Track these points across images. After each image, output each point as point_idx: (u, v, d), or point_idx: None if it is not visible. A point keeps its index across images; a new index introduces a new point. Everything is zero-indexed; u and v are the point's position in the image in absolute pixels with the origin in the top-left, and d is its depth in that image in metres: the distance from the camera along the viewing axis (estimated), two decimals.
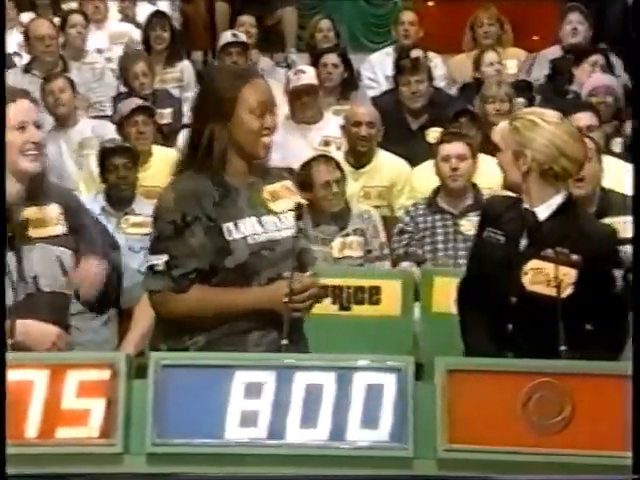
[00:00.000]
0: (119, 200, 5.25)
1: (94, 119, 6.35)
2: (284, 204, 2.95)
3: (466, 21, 7.16)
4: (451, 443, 2.51)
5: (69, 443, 2.54)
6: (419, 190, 5.35)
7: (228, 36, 6.85)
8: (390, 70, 6.95)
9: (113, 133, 5.83)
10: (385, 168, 5.59)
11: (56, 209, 2.98)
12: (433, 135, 5.70)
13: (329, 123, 6.08)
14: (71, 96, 6.07)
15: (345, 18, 8.14)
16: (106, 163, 5.30)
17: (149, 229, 2.99)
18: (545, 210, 3.11)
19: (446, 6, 7.91)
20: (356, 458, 2.53)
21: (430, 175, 5.15)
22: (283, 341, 2.77)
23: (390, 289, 4.57)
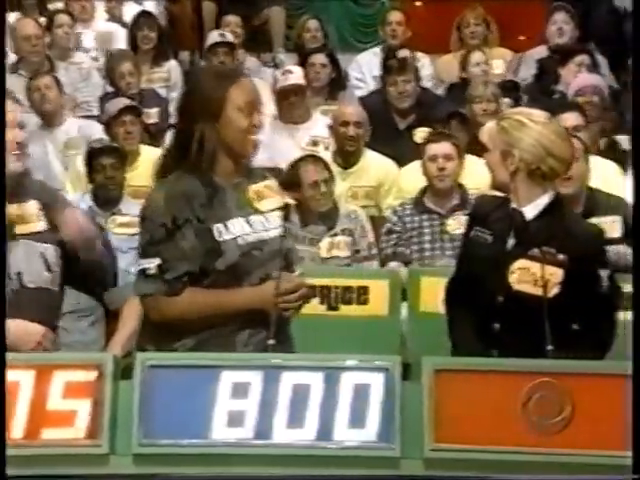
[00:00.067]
0: (106, 200, 5.24)
1: (81, 119, 6.33)
2: (269, 203, 2.95)
3: (453, 21, 7.17)
4: (438, 443, 2.51)
5: (55, 444, 2.53)
6: (406, 190, 5.35)
7: (215, 36, 6.85)
8: (378, 70, 6.96)
9: (100, 133, 5.82)
10: (372, 168, 5.60)
11: (35, 205, 2.97)
12: (420, 135, 5.71)
13: (317, 123, 6.08)
14: (57, 94, 6.05)
15: (333, 18, 8.15)
16: (93, 163, 5.28)
17: (137, 229, 2.99)
18: (532, 210, 3.12)
19: (434, 6, 7.92)
20: (343, 458, 2.53)
21: (417, 175, 5.15)
22: (270, 341, 2.77)
23: (378, 289, 4.58)
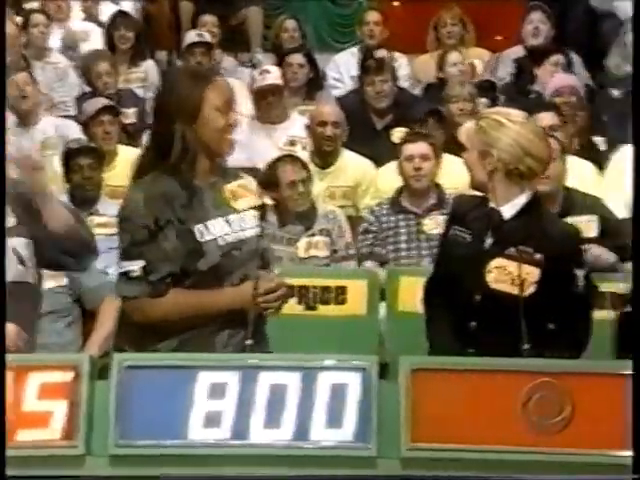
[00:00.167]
0: (83, 201, 5.21)
1: (58, 118, 6.29)
2: (244, 203, 2.95)
3: (430, 21, 7.18)
4: (415, 442, 2.52)
5: (30, 445, 2.52)
6: (384, 190, 5.35)
7: (192, 36, 6.83)
8: (355, 70, 6.96)
9: (77, 133, 5.79)
10: (350, 168, 5.60)
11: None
12: (398, 135, 5.71)
13: (294, 123, 6.08)
14: (34, 91, 6.01)
15: (311, 18, 8.14)
16: (70, 163, 5.26)
17: (114, 230, 2.98)
18: (510, 209, 3.13)
19: (411, 6, 7.92)
20: (320, 458, 2.53)
21: (395, 175, 5.15)
22: (248, 341, 2.78)
23: (356, 289, 4.58)
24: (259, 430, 2.53)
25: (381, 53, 6.80)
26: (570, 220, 3.78)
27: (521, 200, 3.13)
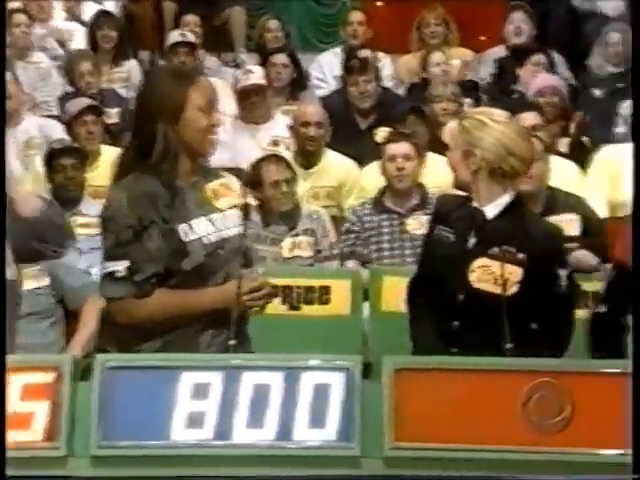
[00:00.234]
0: (66, 201, 5.19)
1: (41, 118, 6.26)
2: (226, 202, 2.95)
3: (414, 21, 7.19)
4: (398, 441, 2.52)
5: (12, 447, 2.50)
6: (368, 190, 5.35)
7: (176, 36, 6.81)
8: (339, 70, 6.96)
9: (60, 133, 5.77)
10: (333, 168, 5.60)
11: None
12: (381, 135, 5.71)
13: (278, 123, 6.07)
14: (17, 91, 5.98)
15: (294, 18, 8.13)
16: (53, 163, 5.24)
17: (97, 230, 2.96)
18: (493, 209, 3.13)
19: (394, 6, 7.92)
20: (303, 458, 2.53)
21: (379, 175, 5.16)
22: (231, 341, 2.77)
23: (340, 289, 4.58)
24: (242, 430, 2.53)
25: (365, 53, 6.80)
26: (552, 219, 3.79)
27: (504, 200, 3.14)
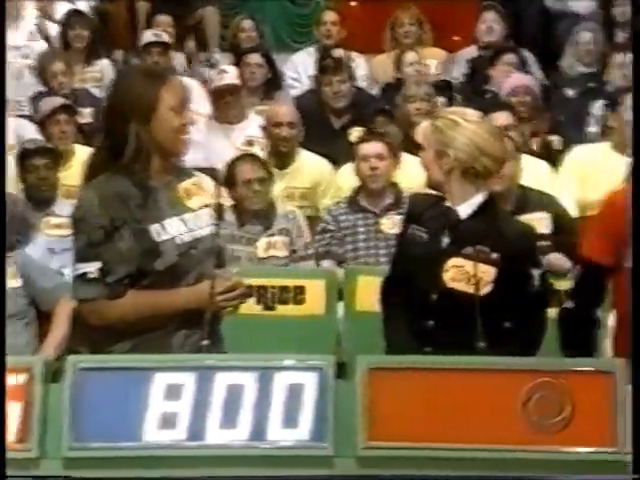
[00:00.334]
0: (39, 201, 5.17)
1: (13, 118, 6.22)
2: (199, 201, 2.94)
3: (388, 21, 7.20)
4: (370, 441, 2.52)
5: None
6: (344, 190, 5.36)
7: (149, 36, 6.79)
8: (313, 70, 6.96)
9: (33, 133, 5.74)
10: (307, 169, 5.60)
11: None
12: (355, 135, 5.72)
13: (252, 123, 6.06)
14: None
15: (269, 18, 8.12)
16: (26, 164, 5.21)
17: (70, 230, 2.94)
18: (466, 209, 3.14)
19: (368, 6, 7.93)
20: (277, 458, 2.52)
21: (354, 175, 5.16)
22: (204, 342, 2.76)
23: (314, 288, 4.58)
24: (215, 431, 2.52)
25: (338, 53, 6.81)
26: (523, 218, 3.81)
27: (477, 199, 3.14)
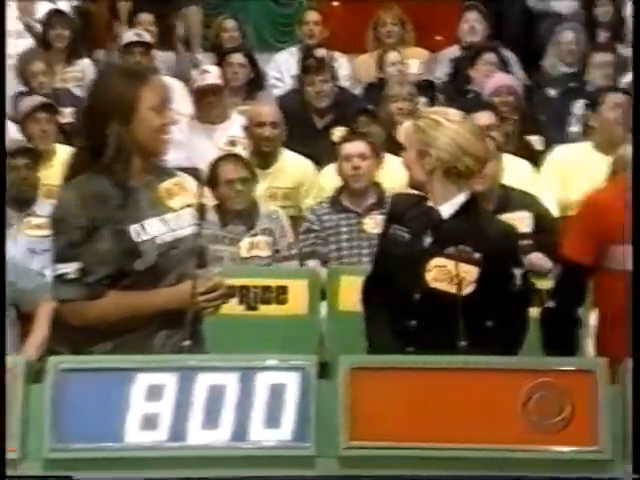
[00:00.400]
0: (20, 201, 5.14)
1: None
2: (180, 201, 2.93)
3: (370, 21, 7.21)
4: (352, 441, 2.52)
5: None
6: (327, 190, 5.35)
7: (130, 35, 6.77)
8: (296, 69, 6.96)
9: (13, 132, 5.71)
10: (290, 168, 5.59)
11: None
12: (338, 134, 5.72)
13: (234, 123, 6.05)
14: None
15: (252, 18, 8.12)
16: (6, 163, 5.18)
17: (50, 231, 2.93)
18: (449, 208, 3.14)
19: (351, 6, 7.94)
20: (259, 458, 2.52)
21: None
22: (185, 342, 2.76)
23: (297, 288, 4.58)
24: (197, 431, 2.51)
25: (321, 53, 6.81)
26: (506, 216, 3.82)
27: (459, 199, 3.15)
